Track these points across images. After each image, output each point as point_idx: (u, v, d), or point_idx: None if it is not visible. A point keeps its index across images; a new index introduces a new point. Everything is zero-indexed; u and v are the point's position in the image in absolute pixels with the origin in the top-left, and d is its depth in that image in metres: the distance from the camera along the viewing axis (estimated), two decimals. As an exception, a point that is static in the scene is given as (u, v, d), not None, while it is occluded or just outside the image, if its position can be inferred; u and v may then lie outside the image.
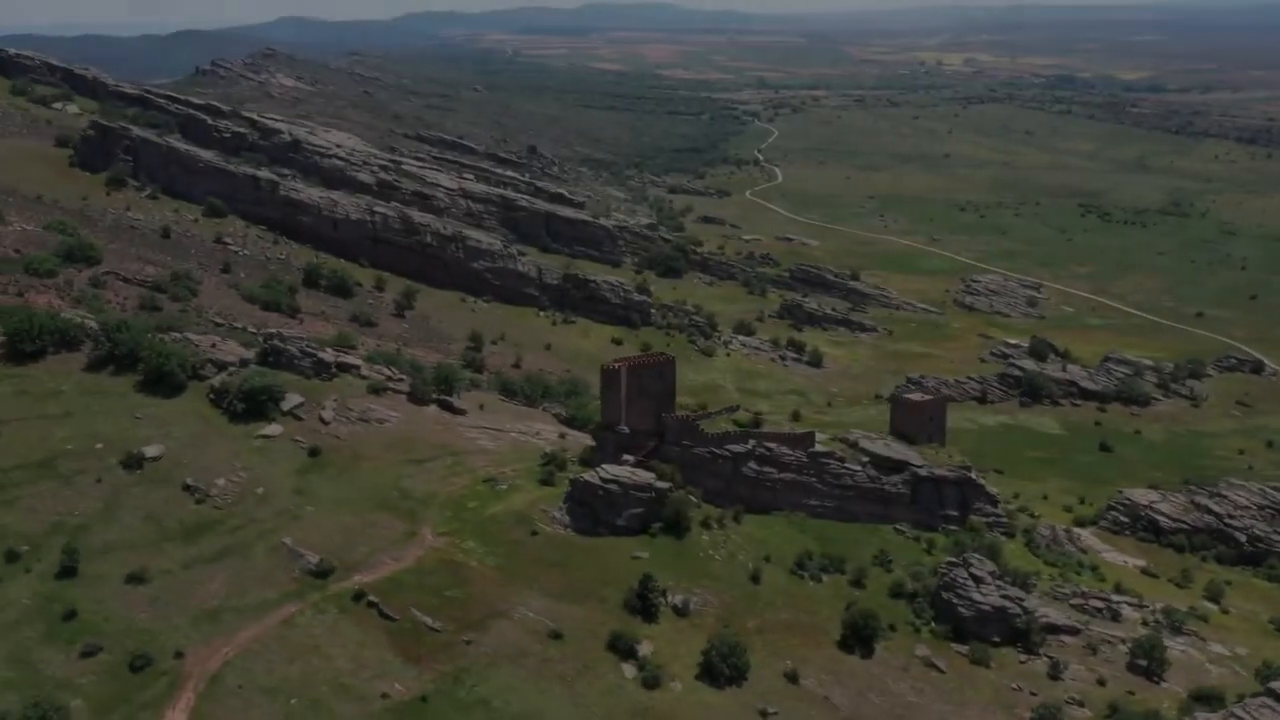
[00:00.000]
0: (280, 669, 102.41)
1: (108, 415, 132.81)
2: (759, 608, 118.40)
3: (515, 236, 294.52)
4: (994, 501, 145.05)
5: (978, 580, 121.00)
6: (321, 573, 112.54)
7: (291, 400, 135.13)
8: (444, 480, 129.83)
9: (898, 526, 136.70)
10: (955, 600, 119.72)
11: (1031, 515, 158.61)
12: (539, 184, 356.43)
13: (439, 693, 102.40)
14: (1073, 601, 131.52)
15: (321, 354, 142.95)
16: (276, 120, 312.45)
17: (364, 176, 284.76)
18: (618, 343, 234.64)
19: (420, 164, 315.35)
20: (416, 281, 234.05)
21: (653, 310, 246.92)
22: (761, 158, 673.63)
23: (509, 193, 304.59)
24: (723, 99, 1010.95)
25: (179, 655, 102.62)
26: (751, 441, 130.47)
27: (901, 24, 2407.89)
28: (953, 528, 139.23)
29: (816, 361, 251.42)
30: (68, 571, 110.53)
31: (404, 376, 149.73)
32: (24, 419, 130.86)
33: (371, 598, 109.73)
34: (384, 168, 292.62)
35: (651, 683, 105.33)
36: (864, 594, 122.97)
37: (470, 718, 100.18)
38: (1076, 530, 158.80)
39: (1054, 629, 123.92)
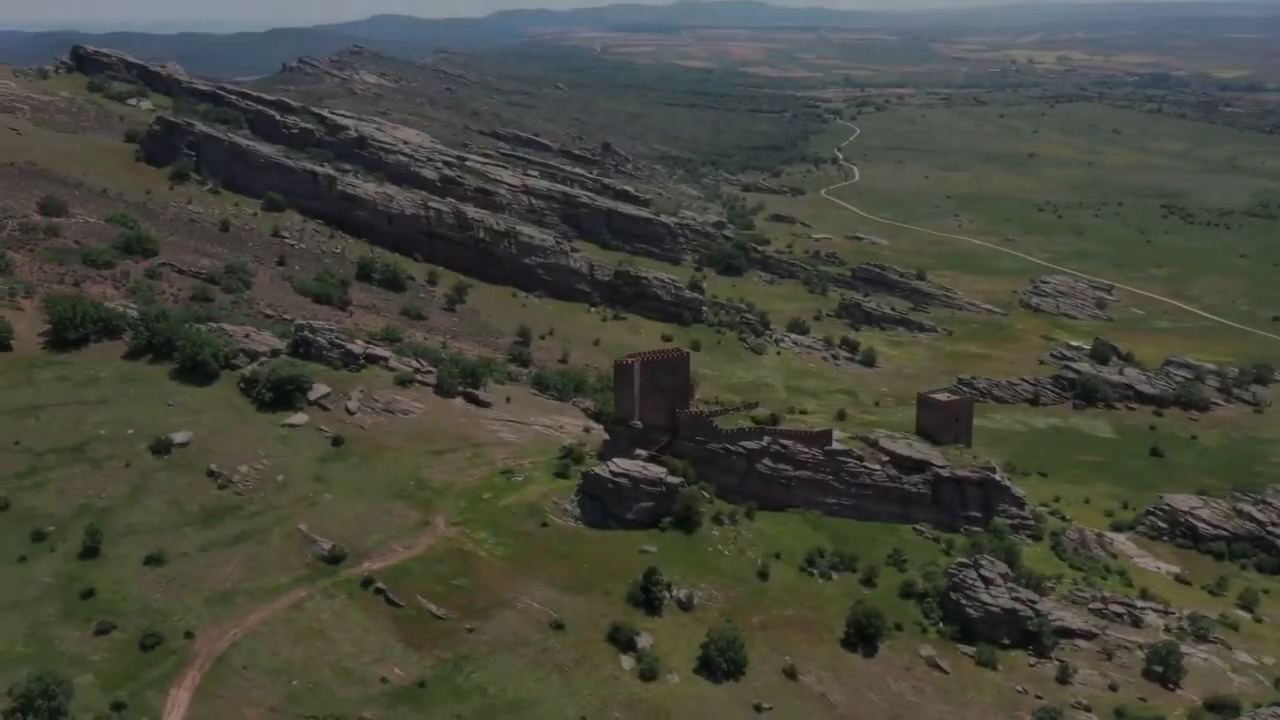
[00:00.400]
0: (285, 651, 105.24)
1: (141, 402, 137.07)
2: (765, 604, 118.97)
3: (576, 233, 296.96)
4: (1020, 503, 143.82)
5: (987, 582, 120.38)
6: (333, 559, 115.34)
7: (318, 390, 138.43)
8: (462, 471, 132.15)
9: (917, 527, 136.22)
10: (964, 601, 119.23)
11: (1062, 518, 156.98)
12: (605, 181, 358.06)
13: (437, 678, 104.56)
14: (1092, 606, 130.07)
15: (350, 345, 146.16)
16: (345, 116, 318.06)
17: (428, 172, 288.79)
18: (667, 339, 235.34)
19: (485, 161, 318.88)
20: (470, 276, 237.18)
21: (704, 307, 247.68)
22: (840, 156, 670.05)
23: (571, 189, 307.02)
24: (806, 97, 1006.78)
25: (189, 635, 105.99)
26: (766, 438, 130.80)
27: (995, 21, 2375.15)
28: (975, 529, 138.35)
29: (870, 361, 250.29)
30: (90, 552, 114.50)
31: (432, 369, 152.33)
32: (62, 404, 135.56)
33: (379, 584, 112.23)
34: (448, 164, 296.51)
35: (649, 675, 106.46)
36: (874, 593, 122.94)
37: (466, 704, 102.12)
38: (1110, 535, 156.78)
39: (1068, 633, 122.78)
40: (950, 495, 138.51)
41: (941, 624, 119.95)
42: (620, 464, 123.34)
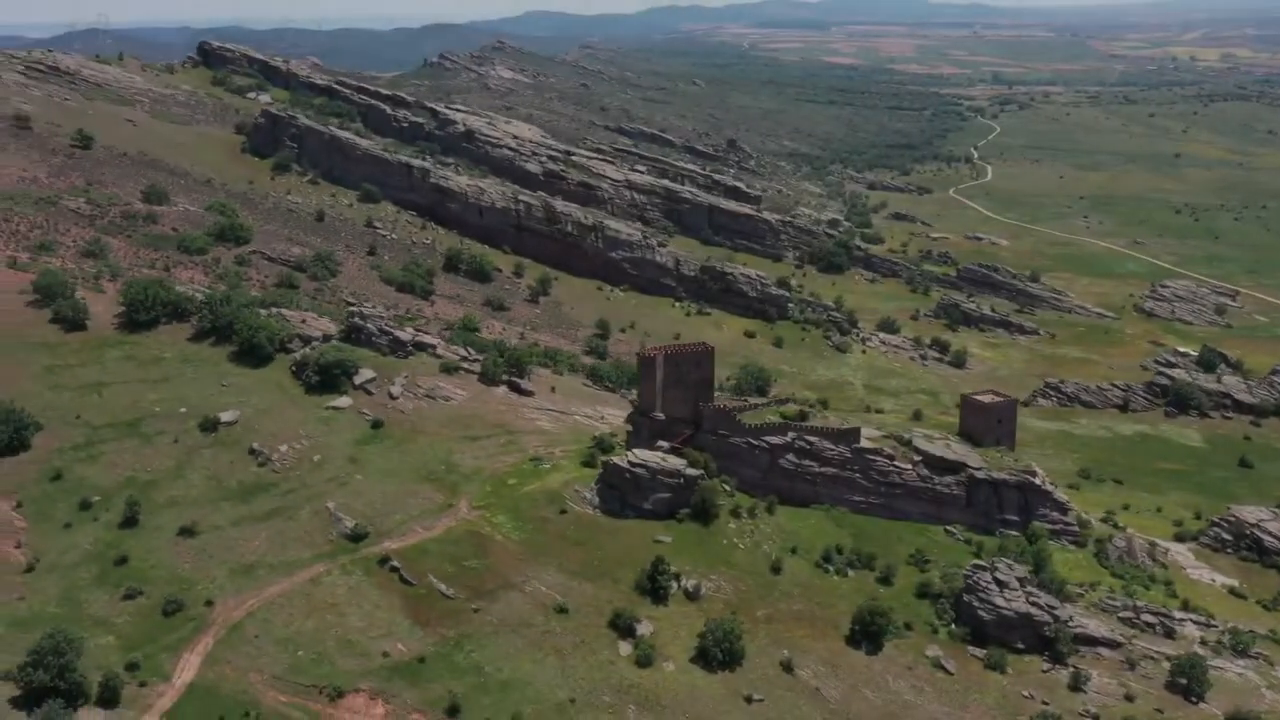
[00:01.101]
0: (297, 622, 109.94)
1: (198, 382, 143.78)
2: (773, 597, 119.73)
3: (678, 228, 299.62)
4: (1063, 509, 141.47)
5: (1002, 585, 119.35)
6: (356, 537, 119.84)
7: (364, 375, 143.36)
8: (493, 457, 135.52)
9: (949, 528, 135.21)
10: (976, 604, 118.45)
11: (1115, 526, 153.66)
12: (717, 176, 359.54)
13: (437, 655, 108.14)
14: (1121, 615, 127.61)
15: (399, 333, 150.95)
16: (459, 110, 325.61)
17: (532, 166, 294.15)
18: (750, 335, 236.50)
19: (592, 156, 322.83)
20: (557, 269, 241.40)
21: (790, 304, 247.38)
22: (975, 155, 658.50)
23: (674, 184, 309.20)
24: (950, 94, 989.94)
25: (209, 603, 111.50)
26: (790, 434, 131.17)
27: (1159, 17, 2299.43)
28: (1012, 532, 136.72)
29: (959, 362, 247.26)
30: (130, 521, 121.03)
31: (479, 357, 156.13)
32: (125, 382, 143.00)
33: (395, 563, 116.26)
34: (553, 158, 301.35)
35: (644, 662, 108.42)
36: (889, 592, 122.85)
37: (461, 681, 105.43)
38: (1166, 545, 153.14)
39: (1091, 641, 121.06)
40: (986, 497, 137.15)
41: (953, 625, 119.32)
42: (639, 455, 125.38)
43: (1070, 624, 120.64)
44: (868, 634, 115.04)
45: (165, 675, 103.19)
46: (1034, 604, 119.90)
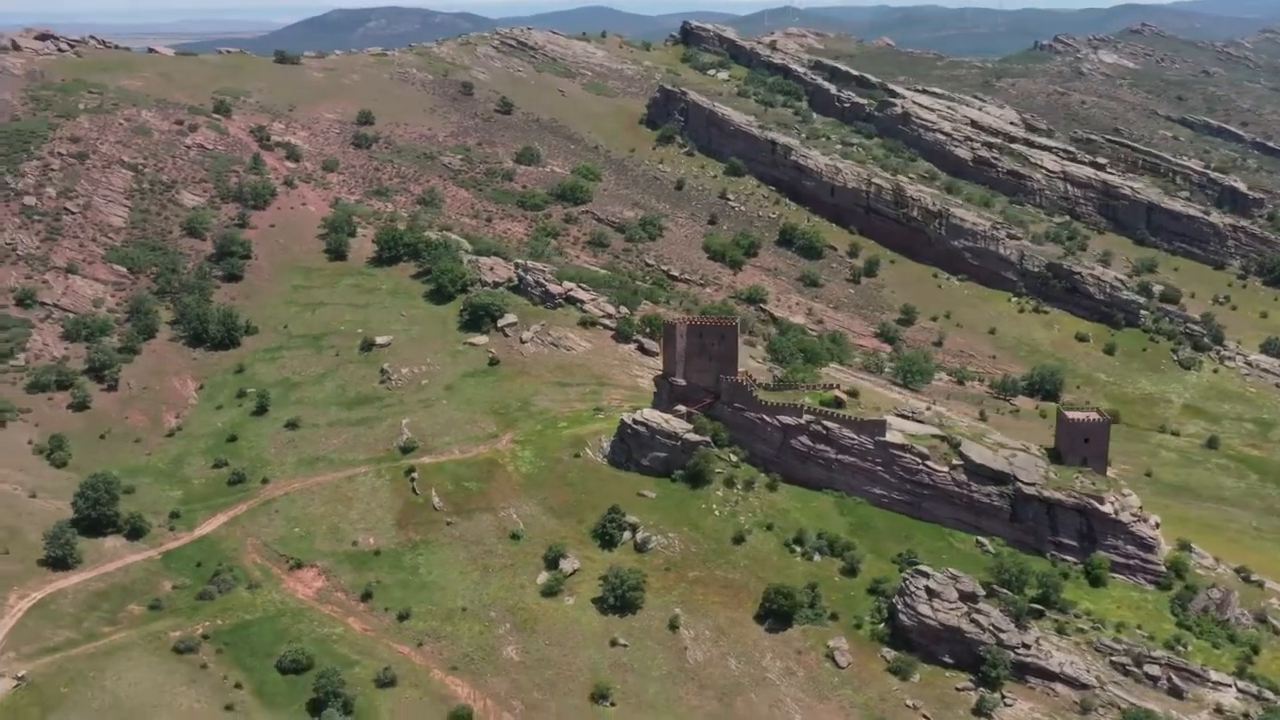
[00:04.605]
0: (312, 508, 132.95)
1: (387, 310, 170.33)
2: (715, 563, 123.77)
3: (1111, 225, 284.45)
4: (1144, 545, 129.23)
5: (932, 594, 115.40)
6: (405, 449, 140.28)
7: (507, 319, 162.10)
8: (568, 403, 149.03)
9: (980, 539, 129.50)
10: (901, 609, 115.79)
11: (1246, 579, 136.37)
12: (1215, 175, 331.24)
13: (391, 552, 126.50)
14: (1115, 659, 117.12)
15: (551, 286, 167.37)
16: (935, 93, 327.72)
17: (961, 152, 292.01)
18: (1081, 339, 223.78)
19: (1050, 146, 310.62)
20: (899, 254, 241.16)
21: (1142, 311, 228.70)
22: None
23: (1111, 180, 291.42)
24: None
25: (265, 481, 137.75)
26: (806, 416, 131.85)
27: None
28: (1065, 558, 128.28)
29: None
30: (260, 411, 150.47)
31: (619, 315, 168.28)
32: (336, 304, 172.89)
33: (415, 475, 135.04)
34: (987, 145, 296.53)
35: (549, 592, 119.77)
36: (848, 582, 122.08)
37: (393, 575, 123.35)
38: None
39: (1048, 675, 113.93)
40: (1036, 516, 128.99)
41: (881, 625, 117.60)
42: (644, 414, 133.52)
43: (1020, 651, 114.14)
44: (773, 613, 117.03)
45: (191, 527, 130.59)
46: (975, 622, 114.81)
